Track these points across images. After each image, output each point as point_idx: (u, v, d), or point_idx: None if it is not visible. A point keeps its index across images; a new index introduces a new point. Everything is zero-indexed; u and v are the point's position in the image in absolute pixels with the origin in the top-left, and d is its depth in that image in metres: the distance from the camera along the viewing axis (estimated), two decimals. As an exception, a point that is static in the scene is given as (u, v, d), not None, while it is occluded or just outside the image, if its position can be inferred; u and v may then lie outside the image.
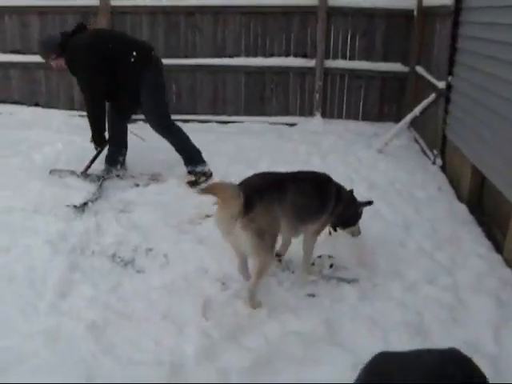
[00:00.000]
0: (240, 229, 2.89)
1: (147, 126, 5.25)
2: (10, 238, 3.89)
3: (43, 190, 4.64)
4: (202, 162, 5.25)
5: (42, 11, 7.76)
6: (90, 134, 5.11)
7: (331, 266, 3.58)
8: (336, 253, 3.73)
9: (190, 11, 7.43)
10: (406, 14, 7.03)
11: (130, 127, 5.49)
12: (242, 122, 7.53)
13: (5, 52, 8.00)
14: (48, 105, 8.04)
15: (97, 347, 2.78)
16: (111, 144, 5.31)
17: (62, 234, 3.96)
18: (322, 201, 3.39)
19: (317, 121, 7.36)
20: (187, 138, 5.26)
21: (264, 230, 2.96)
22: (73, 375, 2.58)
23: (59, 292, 3.26)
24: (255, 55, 7.48)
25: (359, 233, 3.75)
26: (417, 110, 6.09)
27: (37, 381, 2.54)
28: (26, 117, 7.71)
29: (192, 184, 5.05)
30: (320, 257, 3.62)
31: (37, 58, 7.87)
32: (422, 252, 3.89)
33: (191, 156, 5.27)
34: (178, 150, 5.26)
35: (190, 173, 5.24)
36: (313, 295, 3.33)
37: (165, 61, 7.24)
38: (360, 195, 4.68)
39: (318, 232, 3.51)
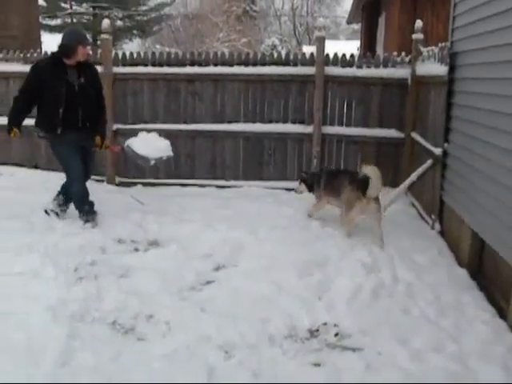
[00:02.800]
0: (373, 206, 5.32)
1: (146, 189, 5.31)
2: (7, 303, 3.81)
3: (42, 255, 4.63)
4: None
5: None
6: None
7: (336, 334, 3.53)
8: (340, 320, 3.69)
9: (190, 78, 7.62)
10: (400, 83, 7.24)
11: (130, 191, 5.55)
12: (240, 186, 7.59)
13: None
14: (47, 167, 8.11)
15: (98, 420, 2.70)
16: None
17: (61, 300, 3.90)
18: None
19: (314, 185, 7.38)
20: None
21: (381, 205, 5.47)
22: None
23: (59, 361, 3.17)
24: (254, 121, 7.62)
25: None
26: (414, 176, 6.17)
27: None
28: (26, 178, 7.76)
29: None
30: (325, 324, 3.58)
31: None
32: (426, 319, 3.84)
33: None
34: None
35: (81, 212, 5.66)
36: (318, 364, 3.26)
37: (164, 126, 7.49)
38: (360, 260, 4.72)
39: None
